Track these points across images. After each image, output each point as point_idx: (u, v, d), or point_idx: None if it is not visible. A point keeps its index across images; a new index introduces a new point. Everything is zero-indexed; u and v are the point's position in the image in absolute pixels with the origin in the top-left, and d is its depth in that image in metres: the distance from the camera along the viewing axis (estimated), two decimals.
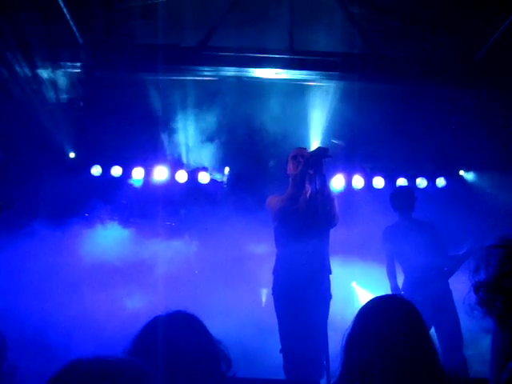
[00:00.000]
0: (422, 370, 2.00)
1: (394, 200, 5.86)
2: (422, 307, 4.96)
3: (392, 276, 5.69)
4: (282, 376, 4.50)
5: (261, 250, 6.28)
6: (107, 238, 6.82)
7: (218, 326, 2.14)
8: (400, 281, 5.69)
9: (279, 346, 4.52)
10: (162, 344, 1.83)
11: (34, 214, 6.46)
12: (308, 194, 4.63)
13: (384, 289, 5.93)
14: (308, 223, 4.45)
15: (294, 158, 4.72)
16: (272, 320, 4.67)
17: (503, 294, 1.40)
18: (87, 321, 5.76)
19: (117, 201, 7.24)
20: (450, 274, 5.48)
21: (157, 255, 6.72)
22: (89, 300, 6.04)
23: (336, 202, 4.65)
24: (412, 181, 7.82)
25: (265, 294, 6.87)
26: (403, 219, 5.78)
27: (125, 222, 7.16)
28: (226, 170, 7.84)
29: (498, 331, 1.45)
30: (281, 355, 4.50)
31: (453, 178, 8.00)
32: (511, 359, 1.37)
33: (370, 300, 2.24)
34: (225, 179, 7.82)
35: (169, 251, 6.77)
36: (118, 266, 6.54)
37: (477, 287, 1.48)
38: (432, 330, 5.26)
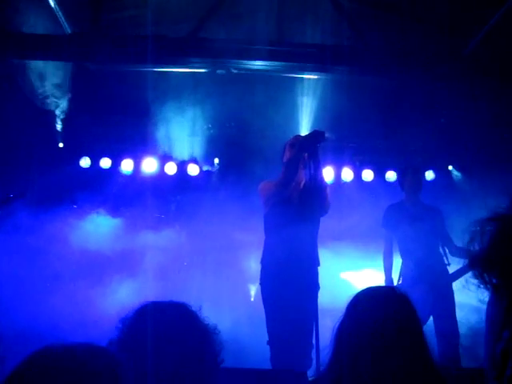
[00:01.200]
0: (411, 362, 2.01)
1: (401, 178, 5.69)
2: (421, 295, 4.88)
3: (388, 266, 5.49)
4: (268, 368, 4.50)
5: (251, 241, 6.27)
6: (96, 229, 6.80)
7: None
8: (398, 264, 5.52)
9: (266, 338, 4.51)
10: (152, 331, 1.82)
11: (22, 204, 6.43)
12: (301, 180, 4.53)
13: (374, 280, 5.95)
14: (300, 211, 4.36)
15: (292, 146, 4.50)
16: (260, 311, 4.65)
17: (497, 265, 1.44)
18: (76, 311, 5.75)
19: (106, 192, 7.22)
20: (456, 276, 5.25)
21: (146, 246, 6.72)
22: (77, 290, 6.04)
23: (328, 190, 4.56)
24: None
25: (254, 288, 6.88)
26: (409, 200, 5.57)
27: (114, 213, 7.14)
28: (216, 160, 7.83)
29: (492, 301, 1.49)
30: (268, 347, 4.49)
31: (442, 171, 8.04)
32: (506, 328, 1.40)
33: (362, 290, 2.22)
34: (215, 169, 7.81)
35: (158, 242, 6.76)
36: (107, 256, 6.54)
37: (471, 259, 1.51)
38: (430, 319, 5.21)
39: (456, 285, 5.26)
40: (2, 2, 6.00)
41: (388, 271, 5.48)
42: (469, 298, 5.07)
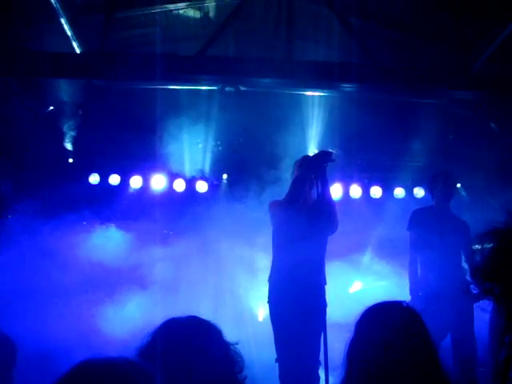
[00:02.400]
0: (422, 377, 1.99)
1: (432, 183, 5.44)
2: (440, 311, 4.70)
3: (413, 275, 5.18)
4: None
5: (260, 258, 6.25)
6: (104, 245, 6.81)
7: None
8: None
9: (275, 355, 4.49)
10: (175, 348, 1.82)
11: (32, 218, 6.48)
12: (309, 199, 4.55)
13: (383, 297, 5.91)
14: (308, 229, 4.36)
15: (300, 166, 4.55)
16: (268, 329, 4.63)
17: (497, 275, 1.53)
18: (83, 326, 5.77)
19: (114, 208, 7.25)
20: (480, 297, 4.94)
21: (154, 262, 6.73)
22: (85, 304, 6.05)
23: (336, 208, 4.58)
24: (409, 191, 7.84)
25: (260, 307, 6.83)
26: (438, 207, 5.32)
27: (122, 229, 7.16)
28: (224, 176, 7.84)
29: (494, 309, 1.57)
30: (276, 365, 4.47)
31: None
32: (507, 334, 1.45)
33: (368, 307, 2.20)
34: (223, 185, 7.81)
35: (166, 258, 6.77)
36: (115, 272, 6.56)
37: (473, 272, 1.60)
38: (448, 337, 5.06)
39: None
40: (15, 21, 6.09)
41: (414, 282, 5.19)
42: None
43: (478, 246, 1.60)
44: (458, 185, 8.00)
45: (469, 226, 5.38)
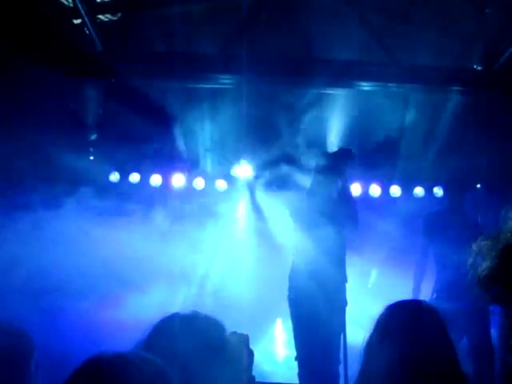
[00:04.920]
0: (441, 376, 1.99)
1: (448, 183, 5.52)
2: (453, 316, 4.70)
3: (418, 277, 5.25)
4: None
5: (279, 255, 6.25)
6: (125, 242, 6.86)
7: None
8: (432, 279, 5.27)
9: (294, 353, 4.50)
10: (178, 343, 1.82)
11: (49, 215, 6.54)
12: (329, 197, 4.57)
13: (400, 295, 5.88)
14: (328, 227, 4.38)
15: (321, 164, 4.59)
16: (287, 327, 4.65)
17: (500, 282, 1.53)
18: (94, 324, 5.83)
19: (134, 205, 7.30)
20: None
21: (174, 261, 6.77)
22: (97, 303, 6.11)
23: (357, 206, 4.58)
24: (429, 190, 7.77)
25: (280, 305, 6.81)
26: (452, 208, 5.33)
27: (141, 225, 7.20)
28: (245, 172, 7.81)
29: (502, 313, 1.57)
30: (295, 363, 4.48)
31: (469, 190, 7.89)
32: None
33: (390, 305, 2.20)
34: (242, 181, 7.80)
35: (187, 258, 6.80)
36: (133, 269, 6.60)
37: (477, 274, 1.60)
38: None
39: None
40: (35, 19, 6.15)
41: (417, 282, 5.27)
42: None
43: (482, 249, 1.59)
44: (478, 185, 7.92)
45: (481, 225, 5.33)
